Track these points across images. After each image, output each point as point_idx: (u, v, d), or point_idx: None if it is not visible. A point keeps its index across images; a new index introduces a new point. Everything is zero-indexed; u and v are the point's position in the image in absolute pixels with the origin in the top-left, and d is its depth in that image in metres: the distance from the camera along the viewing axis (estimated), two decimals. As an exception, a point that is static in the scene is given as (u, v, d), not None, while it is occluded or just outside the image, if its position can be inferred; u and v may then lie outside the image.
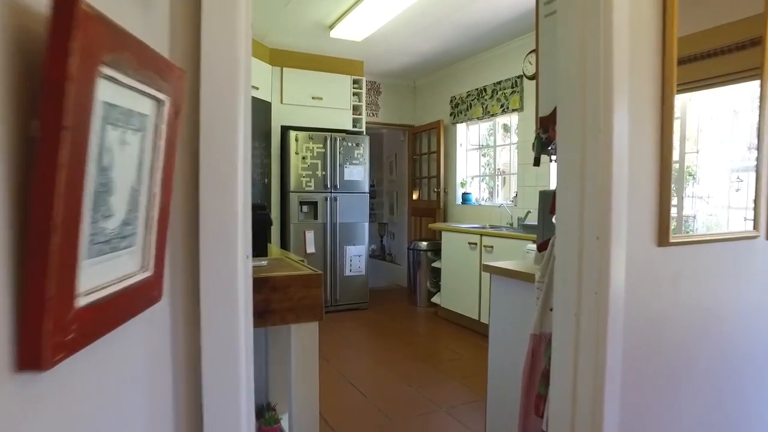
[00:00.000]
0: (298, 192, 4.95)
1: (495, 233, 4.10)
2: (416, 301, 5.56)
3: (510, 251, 3.91)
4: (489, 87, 5.05)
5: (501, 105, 4.86)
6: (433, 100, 6.18)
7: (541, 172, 4.40)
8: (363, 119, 5.54)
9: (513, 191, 5.06)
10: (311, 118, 5.24)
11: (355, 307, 5.28)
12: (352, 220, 5.20)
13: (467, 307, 4.49)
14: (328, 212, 5.08)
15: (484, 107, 5.12)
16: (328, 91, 5.30)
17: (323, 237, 5.07)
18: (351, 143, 5.15)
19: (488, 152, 5.60)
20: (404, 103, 6.52)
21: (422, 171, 6.37)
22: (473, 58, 5.34)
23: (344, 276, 5.19)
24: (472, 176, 5.69)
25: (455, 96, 5.65)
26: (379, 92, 6.31)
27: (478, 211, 5.33)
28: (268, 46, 5.01)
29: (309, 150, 4.97)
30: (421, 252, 5.47)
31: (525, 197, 4.60)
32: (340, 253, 5.15)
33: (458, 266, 4.62)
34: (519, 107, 4.62)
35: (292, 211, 4.94)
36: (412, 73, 6.12)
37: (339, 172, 5.11)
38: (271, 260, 2.01)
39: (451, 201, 5.81)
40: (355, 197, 5.22)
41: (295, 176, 4.93)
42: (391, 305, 5.58)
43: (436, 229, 5.10)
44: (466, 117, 5.45)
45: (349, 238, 5.20)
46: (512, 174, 5.02)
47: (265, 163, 4.97)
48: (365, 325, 4.74)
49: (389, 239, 7.65)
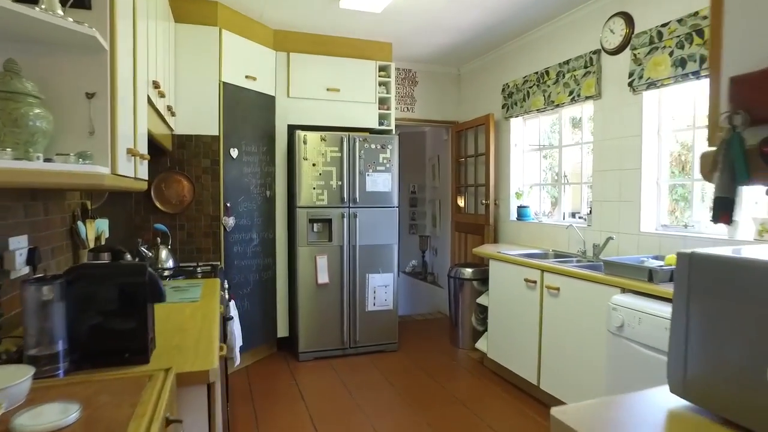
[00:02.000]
0: (308, 207, 3.97)
1: (563, 270, 2.92)
2: (458, 340, 4.44)
3: (585, 298, 2.72)
4: (552, 69, 3.85)
5: (569, 92, 3.64)
6: (480, 89, 5.01)
7: (627, 181, 3.16)
8: (392, 115, 4.48)
9: (585, 206, 3.83)
10: (326, 115, 4.24)
11: (379, 349, 4.24)
12: (376, 241, 4.16)
13: (522, 364, 3.33)
14: (346, 232, 4.06)
15: (546, 96, 3.92)
16: (347, 81, 4.28)
17: (339, 263, 4.06)
18: (375, 145, 4.11)
19: (551, 154, 4.38)
20: (446, 95, 5.39)
21: (467, 177, 5.22)
22: (531, 33, 4.14)
23: (366, 311, 4.16)
24: (530, 185, 4.49)
25: (508, 84, 4.47)
26: (414, 82, 5.22)
27: (537, 230, 4.13)
28: (271, 27, 4.06)
29: (321, 154, 3.97)
30: (464, 281, 4.34)
31: (603, 216, 3.38)
32: (361, 282, 4.13)
33: (510, 308, 3.47)
34: (595, 93, 3.39)
35: (300, 232, 3.96)
36: (453, 57, 4.98)
37: (360, 181, 4.08)
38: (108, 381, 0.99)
39: (503, 216, 4.64)
40: (381, 213, 4.17)
41: (305, 187, 3.95)
42: (427, 345, 4.48)
43: (482, 256, 3.96)
44: (522, 109, 4.26)
45: (373, 264, 4.17)
46: (584, 183, 3.80)
47: (268, 171, 4.03)
48: (388, 376, 3.68)
49: (432, 255, 6.56)
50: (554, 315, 2.99)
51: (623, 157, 3.20)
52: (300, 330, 4.01)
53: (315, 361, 4.03)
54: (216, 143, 3.53)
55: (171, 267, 3.12)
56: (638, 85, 2.99)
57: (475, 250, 4.04)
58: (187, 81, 3.41)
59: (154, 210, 3.38)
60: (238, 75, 3.69)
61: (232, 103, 3.64)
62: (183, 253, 3.45)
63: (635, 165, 3.10)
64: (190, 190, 3.47)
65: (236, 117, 3.69)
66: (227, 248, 3.63)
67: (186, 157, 3.46)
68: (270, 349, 4.21)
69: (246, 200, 3.80)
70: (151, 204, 3.37)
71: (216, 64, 3.50)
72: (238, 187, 3.73)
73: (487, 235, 4.65)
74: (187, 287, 2.23)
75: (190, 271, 3.07)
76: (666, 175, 3.06)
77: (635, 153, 3.10)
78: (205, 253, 3.52)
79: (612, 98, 3.28)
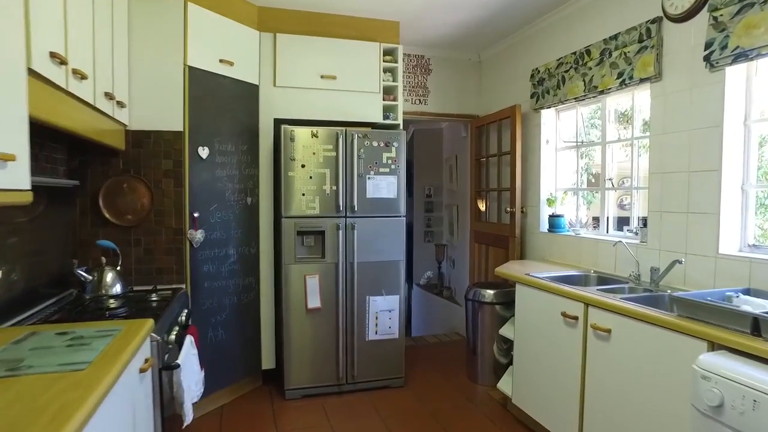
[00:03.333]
0: (297, 217, 3.32)
1: (616, 306, 2.18)
2: (477, 373, 3.72)
3: (650, 349, 1.98)
4: (595, 47, 3.11)
5: (618, 74, 2.90)
6: (505, 77, 4.28)
7: (699, 186, 2.42)
8: (399, 106, 3.79)
9: (637, 216, 3.08)
10: (320, 108, 3.59)
11: (382, 385, 3.55)
12: (379, 257, 3.48)
13: (557, 421, 2.60)
14: (342, 247, 3.39)
15: (587, 81, 3.18)
16: (345, 67, 3.61)
17: (334, 283, 3.39)
18: (378, 142, 3.43)
19: (588, 153, 3.63)
20: (465, 85, 4.67)
21: (489, 180, 4.49)
22: (568, 5, 3.41)
23: (366, 341, 3.48)
24: (564, 190, 3.75)
25: (538, 69, 3.73)
26: (427, 70, 4.53)
27: (574, 245, 3.39)
28: (254, 2, 3.42)
29: (313, 154, 3.32)
30: (485, 305, 3.63)
31: (664, 230, 2.62)
32: (360, 307, 3.45)
33: (542, 348, 2.74)
34: (654, 74, 2.65)
35: (287, 246, 3.31)
36: (473, 40, 4.27)
37: (359, 186, 3.41)
38: None
39: (532, 226, 3.90)
40: (384, 223, 3.49)
41: (292, 193, 3.30)
42: (439, 380, 3.78)
43: (506, 278, 3.24)
44: (555, 98, 3.52)
45: (375, 285, 3.49)
46: (636, 188, 3.05)
47: (249, 174, 3.39)
48: (390, 422, 3.00)
49: (449, 266, 5.84)
50: (604, 365, 2.26)
51: (694, 155, 2.44)
52: (286, 363, 3.36)
53: (304, 399, 3.37)
54: (179, 140, 2.90)
55: (118, 293, 2.51)
56: (719, 59, 2.23)
57: (497, 270, 3.32)
58: (144, 65, 2.79)
59: (104, 223, 2.77)
60: (210, 59, 3.06)
61: (201, 92, 3.01)
62: (139, 275, 2.83)
63: (711, 165, 2.34)
64: (148, 197, 2.85)
65: (207, 109, 3.06)
66: (195, 267, 3.00)
67: (143, 158, 2.84)
68: (254, 383, 3.57)
69: (220, 209, 3.17)
70: (101, 215, 2.76)
71: (180, 44, 2.87)
72: (210, 193, 3.10)
73: (512, 249, 3.93)
74: (89, 339, 1.59)
75: (139, 298, 2.45)
76: (755, 178, 2.30)
77: (712, 149, 2.34)
78: (167, 273, 2.90)
79: (678, 78, 2.53)
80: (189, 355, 2.34)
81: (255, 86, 3.42)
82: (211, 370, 3.04)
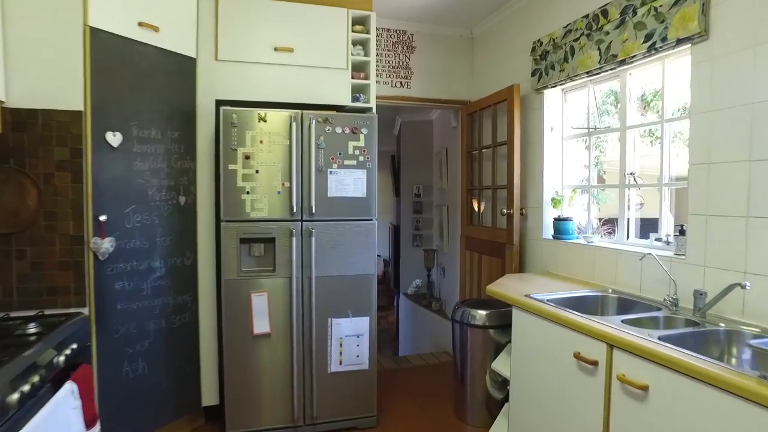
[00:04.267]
0: (239, 221, 2.66)
1: (654, 353, 1.52)
2: (465, 410, 3.07)
3: (714, 420, 1.33)
4: (614, 6, 2.44)
5: (646, 36, 2.24)
6: (501, 54, 3.62)
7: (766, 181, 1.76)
8: (371, 86, 3.13)
9: (668, 222, 2.42)
10: (272, 87, 2.93)
11: (349, 425, 2.89)
12: (344, 271, 2.82)
13: (569, 493, 1.94)
14: (297, 257, 2.73)
15: (603, 48, 2.52)
16: (305, 38, 2.96)
17: (287, 303, 2.73)
18: (342, 128, 2.77)
19: (602, 143, 2.97)
20: (454, 65, 4.01)
21: (483, 177, 3.83)
22: (578, -41, 2.75)
23: (328, 373, 2.82)
24: (572, 187, 3.09)
25: (541, 40, 3.07)
26: (410, 48, 3.87)
27: (585, 255, 2.73)
28: (188, -45, 2.76)
29: (259, 142, 2.66)
30: (476, 328, 2.97)
31: (713, 241, 1.96)
32: (319, 331, 2.79)
33: (547, 393, 2.08)
34: (699, 31, 1.98)
35: (227, 257, 2.66)
36: (465, 12, 3.61)
37: (318, 182, 2.75)
38: None
39: (533, 231, 3.24)
40: (351, 228, 2.83)
41: (234, 191, 2.64)
42: (420, 416, 3.12)
43: (499, 298, 2.57)
44: (563, 74, 2.86)
45: (339, 305, 2.83)
46: (666, 185, 2.39)
47: (181, 168, 2.73)
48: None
49: (439, 274, 5.19)
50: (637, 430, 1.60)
51: (758, 139, 1.79)
52: (228, 401, 2.70)
53: (251, 447, 2.71)
54: (78, 123, 2.24)
55: (-21, 324, 1.85)
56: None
57: (489, 288, 2.65)
58: (27, 23, 2.13)
59: (-25, 228, 2.12)
60: (125, 20, 2.40)
61: (111, 63, 2.35)
62: (23, 296, 2.18)
63: (784, 152, 1.69)
64: (35, 196, 2.19)
65: (120, 85, 2.40)
66: (102, 285, 2.34)
67: (28, 145, 2.18)
68: (193, 423, 2.92)
69: (141, 211, 2.51)
70: (-30, 219, 2.10)
71: (77, -2, 2.21)
72: (125, 191, 2.44)
73: (509, 260, 3.26)
74: None
75: (6, 331, 1.80)
76: None
77: (784, 130, 1.69)
78: (62, 294, 2.24)
79: (734, 35, 1.87)
80: (57, 414, 1.68)
81: (191, 59, 2.76)
82: (126, 414, 2.40)
